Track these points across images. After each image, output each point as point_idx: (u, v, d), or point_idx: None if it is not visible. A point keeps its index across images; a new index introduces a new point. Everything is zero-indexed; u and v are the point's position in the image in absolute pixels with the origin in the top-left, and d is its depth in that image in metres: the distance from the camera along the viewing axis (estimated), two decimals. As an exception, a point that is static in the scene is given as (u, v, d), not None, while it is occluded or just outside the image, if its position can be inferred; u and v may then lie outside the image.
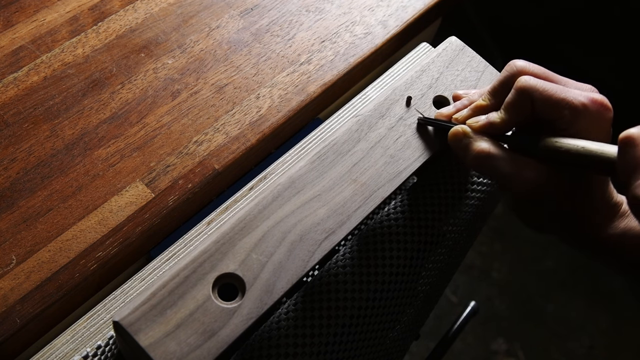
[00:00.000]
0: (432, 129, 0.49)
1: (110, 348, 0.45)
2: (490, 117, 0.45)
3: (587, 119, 0.42)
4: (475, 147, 0.44)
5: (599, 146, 0.41)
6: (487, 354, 1.48)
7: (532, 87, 0.43)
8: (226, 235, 0.41)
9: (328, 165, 0.46)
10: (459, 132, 0.46)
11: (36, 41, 0.58)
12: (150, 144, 0.54)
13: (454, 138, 0.46)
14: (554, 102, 0.42)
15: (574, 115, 0.42)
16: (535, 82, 0.43)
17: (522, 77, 0.43)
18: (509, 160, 0.44)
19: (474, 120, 0.46)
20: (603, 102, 0.43)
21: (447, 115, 0.48)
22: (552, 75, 0.45)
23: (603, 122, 0.43)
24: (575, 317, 1.55)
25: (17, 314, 0.45)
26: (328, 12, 0.64)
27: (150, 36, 0.60)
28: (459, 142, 0.45)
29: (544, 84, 0.43)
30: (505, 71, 0.46)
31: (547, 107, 0.43)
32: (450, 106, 0.49)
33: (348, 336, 0.47)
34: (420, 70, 0.52)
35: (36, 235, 0.48)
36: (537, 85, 0.43)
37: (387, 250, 0.48)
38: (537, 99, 0.43)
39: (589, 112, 0.42)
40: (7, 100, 0.54)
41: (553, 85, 0.43)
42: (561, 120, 0.43)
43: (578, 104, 0.42)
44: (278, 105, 0.57)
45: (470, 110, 0.47)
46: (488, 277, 1.58)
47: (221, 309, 0.39)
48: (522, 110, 0.44)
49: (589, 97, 0.42)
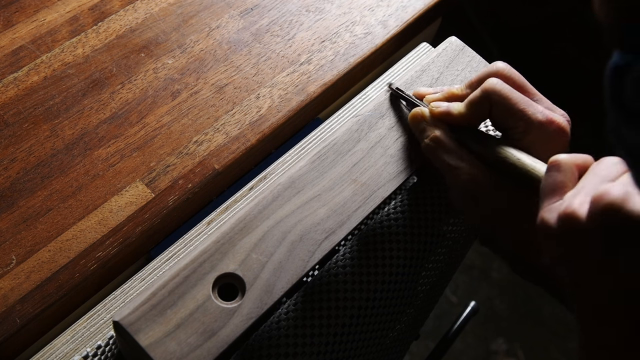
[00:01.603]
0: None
1: (110, 348, 0.45)
2: (450, 107, 0.46)
3: (540, 136, 0.43)
4: (429, 132, 0.46)
5: (533, 162, 0.42)
6: (487, 354, 1.48)
7: (495, 91, 0.43)
8: (226, 235, 0.41)
9: (328, 165, 0.46)
10: (418, 114, 0.47)
11: (36, 41, 0.58)
12: (150, 144, 0.54)
13: (413, 118, 0.47)
14: (511, 111, 0.43)
15: (528, 129, 0.43)
16: (501, 86, 0.44)
17: (491, 79, 0.44)
18: (456, 152, 0.45)
19: (436, 104, 0.47)
20: (560, 125, 0.43)
21: (421, 94, 0.49)
22: (528, 87, 0.46)
23: (555, 144, 0.44)
24: (575, 317, 1.55)
25: (17, 314, 0.45)
26: (328, 12, 0.64)
27: (150, 36, 0.60)
28: (417, 124, 0.47)
29: (509, 91, 0.43)
30: (486, 68, 0.46)
31: (503, 113, 0.44)
32: (430, 88, 0.50)
33: (348, 336, 0.47)
34: (420, 70, 0.52)
35: (36, 235, 0.48)
36: (502, 91, 0.43)
37: (387, 250, 0.48)
38: (496, 103, 0.43)
39: (543, 130, 0.43)
40: (7, 100, 0.54)
41: (518, 95, 0.44)
42: (515, 130, 0.44)
43: (534, 119, 0.43)
44: (278, 105, 0.57)
45: (442, 94, 0.48)
46: (488, 277, 1.58)
47: (221, 309, 0.39)
48: (480, 110, 0.45)
49: (548, 117, 0.43)
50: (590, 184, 0.35)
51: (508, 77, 0.45)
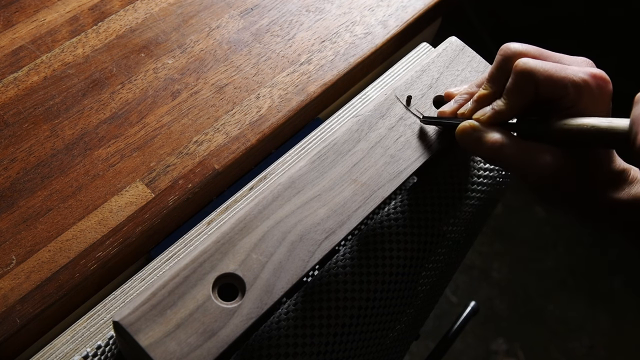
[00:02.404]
0: (434, 128, 0.49)
1: (110, 348, 0.45)
2: (496, 106, 0.44)
3: (590, 95, 0.42)
4: (487, 139, 0.44)
5: (609, 122, 0.40)
6: (487, 354, 1.48)
7: (532, 69, 0.42)
8: (226, 235, 0.41)
9: (328, 165, 0.46)
10: (467, 128, 0.45)
11: (36, 41, 0.58)
12: (150, 144, 0.54)
13: (462, 134, 0.45)
14: (556, 82, 0.42)
15: (578, 93, 0.42)
16: (534, 63, 0.42)
17: (521, 60, 0.43)
18: (523, 148, 0.43)
19: (481, 113, 0.45)
20: (602, 76, 0.42)
21: (451, 112, 0.47)
22: (547, 54, 0.45)
23: (604, 96, 0.43)
24: (575, 317, 1.55)
25: (17, 314, 0.45)
26: (328, 12, 0.64)
27: (150, 36, 0.60)
28: (469, 137, 0.45)
29: (543, 64, 0.42)
30: (499, 55, 0.45)
31: (550, 87, 0.42)
32: (452, 102, 0.48)
33: (348, 336, 0.46)
34: (421, 70, 0.51)
35: (36, 235, 0.48)
36: (537, 67, 0.42)
37: (387, 250, 0.48)
38: (539, 80, 0.42)
39: (590, 88, 0.42)
40: (7, 100, 0.54)
41: (552, 64, 0.42)
42: (566, 99, 0.42)
43: (580, 80, 0.42)
44: (278, 105, 0.57)
45: (474, 102, 0.46)
46: (488, 277, 1.58)
47: (221, 309, 0.39)
48: (526, 94, 0.43)
49: (589, 73, 0.42)
50: None
51: (527, 53, 0.44)
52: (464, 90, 0.48)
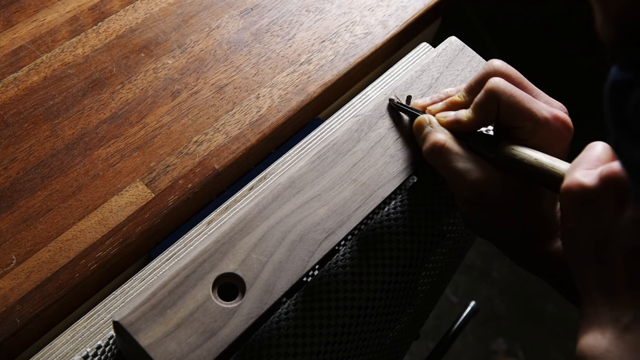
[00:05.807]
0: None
1: (110, 348, 0.45)
2: (459, 115, 0.45)
3: (547, 134, 0.43)
4: (432, 137, 0.45)
5: (552, 161, 0.42)
6: (487, 354, 1.48)
7: (499, 90, 0.43)
8: (226, 235, 0.41)
9: (328, 165, 0.46)
10: (423, 120, 0.46)
11: (36, 41, 0.58)
12: (150, 144, 0.54)
13: (417, 124, 0.47)
14: (517, 110, 0.43)
15: (535, 128, 0.43)
16: (504, 85, 0.43)
17: (493, 79, 0.44)
18: (463, 157, 0.44)
19: (443, 115, 0.46)
20: (565, 121, 0.43)
21: (422, 106, 0.48)
22: (526, 83, 0.45)
23: (562, 140, 0.44)
24: (575, 317, 1.55)
25: (17, 314, 0.45)
26: (328, 12, 0.64)
27: (150, 36, 0.60)
28: (420, 128, 0.46)
29: (512, 89, 0.43)
30: (482, 69, 0.46)
31: (510, 114, 0.43)
32: (427, 97, 0.49)
33: (348, 336, 0.46)
34: (420, 70, 0.52)
35: (36, 235, 0.48)
36: (506, 89, 0.43)
37: (387, 250, 0.48)
38: (503, 103, 0.43)
39: (549, 127, 0.43)
40: (7, 100, 0.54)
41: (521, 93, 0.43)
42: (522, 130, 0.43)
43: (541, 117, 0.43)
44: (278, 105, 0.57)
45: (444, 104, 0.47)
46: (488, 277, 1.58)
47: (221, 309, 0.39)
48: (489, 112, 0.44)
49: (553, 113, 0.43)
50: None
51: (507, 74, 0.45)
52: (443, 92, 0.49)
